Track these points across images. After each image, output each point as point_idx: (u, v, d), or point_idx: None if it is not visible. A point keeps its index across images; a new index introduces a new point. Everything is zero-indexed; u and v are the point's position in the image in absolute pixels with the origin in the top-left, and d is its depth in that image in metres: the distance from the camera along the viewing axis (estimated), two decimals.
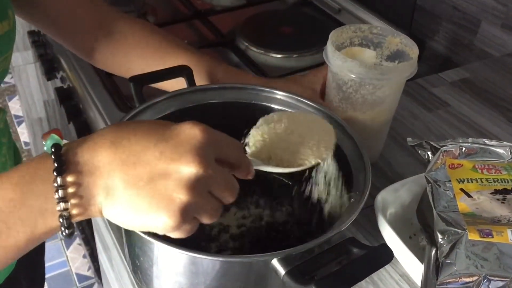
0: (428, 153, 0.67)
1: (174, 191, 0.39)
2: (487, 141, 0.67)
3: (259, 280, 0.50)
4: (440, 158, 0.65)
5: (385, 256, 0.47)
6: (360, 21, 1.16)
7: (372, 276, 0.63)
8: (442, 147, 0.66)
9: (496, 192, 0.60)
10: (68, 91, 1.10)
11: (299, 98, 0.66)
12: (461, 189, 0.61)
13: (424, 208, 0.63)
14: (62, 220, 0.40)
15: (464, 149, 0.66)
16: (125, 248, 0.61)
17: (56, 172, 0.39)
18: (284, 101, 0.67)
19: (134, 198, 0.40)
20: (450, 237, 0.55)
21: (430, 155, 0.66)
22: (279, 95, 0.67)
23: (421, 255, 0.58)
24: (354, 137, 0.60)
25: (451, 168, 0.64)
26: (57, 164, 0.40)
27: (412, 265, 0.59)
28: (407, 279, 0.62)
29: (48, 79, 1.27)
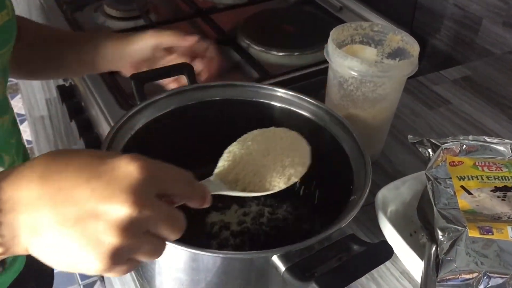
0: (428, 150, 0.67)
1: (103, 233, 0.36)
2: (487, 138, 0.67)
3: (260, 276, 0.51)
4: (441, 155, 0.66)
5: (385, 252, 0.47)
6: (362, 19, 1.16)
7: (372, 273, 0.63)
8: (442, 144, 0.66)
9: (496, 189, 0.60)
10: (70, 89, 1.10)
11: (300, 95, 0.66)
12: (462, 187, 0.61)
13: (424, 205, 0.63)
14: None
15: (464, 146, 0.66)
16: None
17: None
18: (285, 99, 0.67)
19: (61, 239, 0.37)
20: (450, 234, 0.55)
21: (431, 153, 0.67)
22: (280, 92, 0.67)
23: (421, 252, 0.58)
24: (354, 134, 0.60)
25: (452, 166, 0.64)
26: None
27: (412, 262, 0.59)
28: (407, 276, 0.62)
29: None
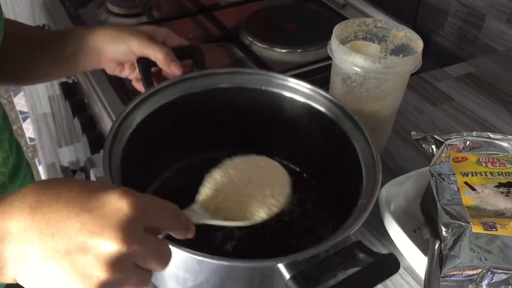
0: (432, 146, 0.67)
1: (92, 267, 0.36)
2: (491, 134, 0.67)
3: (264, 281, 0.50)
4: (444, 151, 0.65)
5: (392, 265, 0.46)
6: (365, 16, 1.16)
7: None
8: (446, 140, 0.66)
9: (500, 185, 0.60)
10: (73, 86, 1.10)
11: (314, 88, 0.65)
12: (465, 183, 0.61)
13: (428, 201, 0.63)
14: None
15: (468, 142, 0.66)
16: None
17: None
18: (297, 90, 0.65)
19: (49, 271, 0.37)
20: (454, 230, 0.55)
21: (434, 149, 0.67)
22: (292, 83, 0.65)
23: (425, 248, 0.58)
24: (366, 134, 0.59)
25: (455, 162, 0.64)
26: None
27: (416, 258, 0.59)
28: (411, 272, 0.62)
29: None
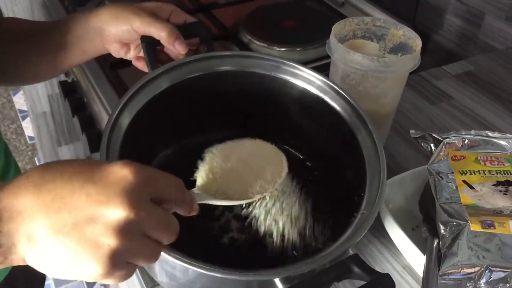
0: (431, 145, 0.67)
1: (101, 236, 0.36)
2: (490, 133, 0.67)
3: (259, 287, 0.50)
4: (443, 150, 0.66)
5: (387, 287, 0.46)
6: (364, 14, 1.16)
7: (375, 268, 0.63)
8: (444, 139, 0.66)
9: (498, 183, 0.60)
10: (72, 85, 1.10)
11: (326, 80, 0.62)
12: (464, 181, 0.61)
13: (426, 199, 0.63)
14: None
15: (466, 141, 0.66)
16: None
17: None
18: (307, 79, 0.63)
19: (58, 245, 0.36)
20: (452, 229, 0.55)
21: (433, 147, 0.67)
22: (304, 71, 0.63)
23: (423, 247, 0.58)
24: (375, 137, 0.58)
25: (454, 160, 0.64)
26: None
27: (414, 256, 0.59)
28: (409, 270, 0.63)
29: None
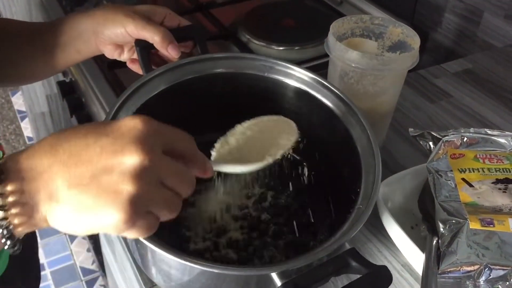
0: (429, 143, 0.67)
1: (119, 183, 0.37)
2: (488, 131, 0.67)
3: (255, 285, 0.50)
4: (442, 148, 0.65)
5: (384, 279, 0.46)
6: (362, 13, 1.16)
7: None
8: (443, 137, 0.66)
9: (497, 181, 0.60)
10: (70, 85, 1.10)
11: (319, 78, 0.63)
12: (463, 179, 0.61)
13: (425, 198, 0.63)
14: (2, 230, 0.39)
15: (465, 139, 0.66)
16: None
17: None
18: (300, 78, 0.64)
19: (78, 198, 0.37)
20: (451, 227, 0.55)
21: (432, 146, 0.67)
22: (296, 71, 0.64)
23: (422, 245, 0.58)
24: (369, 133, 0.58)
25: (453, 158, 0.64)
26: None
27: (414, 255, 0.59)
28: (409, 268, 0.62)
29: None
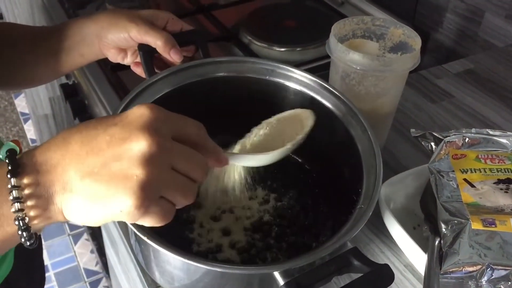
0: (431, 144, 0.67)
1: (128, 169, 0.38)
2: (490, 131, 0.67)
3: (258, 285, 0.50)
4: (444, 148, 0.66)
5: (386, 278, 0.46)
6: (363, 14, 1.16)
7: None
8: (445, 137, 0.66)
9: (499, 181, 0.60)
10: (73, 87, 1.11)
11: (319, 80, 0.64)
12: (465, 179, 0.61)
13: (427, 198, 0.63)
14: (18, 222, 0.39)
15: (467, 139, 0.66)
16: (131, 238, 0.62)
17: (10, 174, 0.38)
18: (302, 82, 0.65)
19: (90, 187, 0.38)
20: (453, 227, 0.55)
21: (434, 146, 0.67)
22: (297, 74, 0.65)
23: (425, 245, 0.58)
24: (370, 133, 0.59)
25: (455, 159, 0.64)
26: (11, 166, 0.39)
27: (416, 255, 0.59)
28: (411, 269, 0.63)
29: None
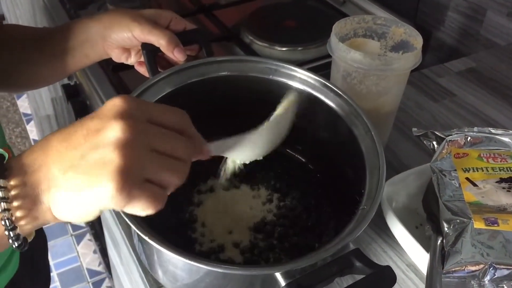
0: (433, 143, 0.67)
1: (106, 156, 0.38)
2: (492, 130, 0.67)
3: (260, 285, 0.50)
4: (446, 147, 0.65)
5: (388, 279, 0.46)
6: (365, 13, 1.16)
7: None
8: (447, 136, 0.66)
9: (501, 180, 0.60)
10: (75, 88, 1.11)
11: (321, 80, 0.63)
12: (467, 178, 0.61)
13: (429, 197, 0.63)
14: (5, 222, 0.40)
15: (469, 138, 0.66)
16: (133, 238, 0.62)
17: None
18: (305, 81, 0.64)
19: (73, 178, 0.39)
20: (455, 226, 0.55)
21: (436, 145, 0.67)
22: (300, 73, 0.65)
23: (427, 244, 0.58)
24: (373, 133, 0.58)
25: (457, 158, 0.64)
26: None
27: (418, 254, 0.59)
28: (413, 268, 0.63)
29: None
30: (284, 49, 1.05)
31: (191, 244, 0.61)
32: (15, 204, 0.40)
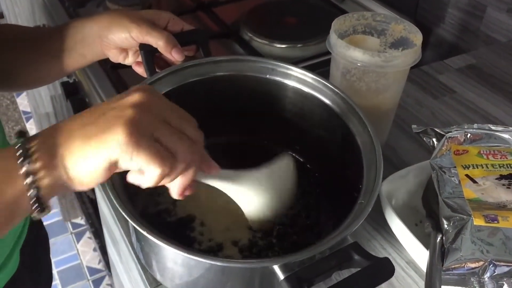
0: (433, 139, 0.67)
1: (121, 111, 0.42)
2: (492, 126, 0.66)
3: (259, 279, 0.50)
4: (445, 144, 0.65)
5: (387, 270, 0.46)
6: (365, 9, 1.16)
7: None
8: (447, 133, 0.66)
9: (501, 177, 0.60)
10: (74, 85, 1.11)
11: (318, 78, 0.64)
12: (466, 175, 0.60)
13: (429, 194, 0.63)
14: (25, 168, 0.41)
15: (469, 135, 0.66)
16: (132, 236, 0.61)
17: (21, 143, 0.42)
18: (302, 80, 0.65)
19: (89, 129, 0.42)
20: (455, 223, 0.55)
21: (435, 142, 0.66)
22: (296, 72, 0.65)
23: (427, 242, 0.58)
24: (370, 129, 0.58)
25: (456, 155, 0.64)
26: (19, 135, 0.42)
27: (418, 251, 0.59)
28: (413, 265, 0.62)
29: None
30: (283, 46, 1.05)
31: (190, 243, 0.61)
32: (35, 156, 0.42)
